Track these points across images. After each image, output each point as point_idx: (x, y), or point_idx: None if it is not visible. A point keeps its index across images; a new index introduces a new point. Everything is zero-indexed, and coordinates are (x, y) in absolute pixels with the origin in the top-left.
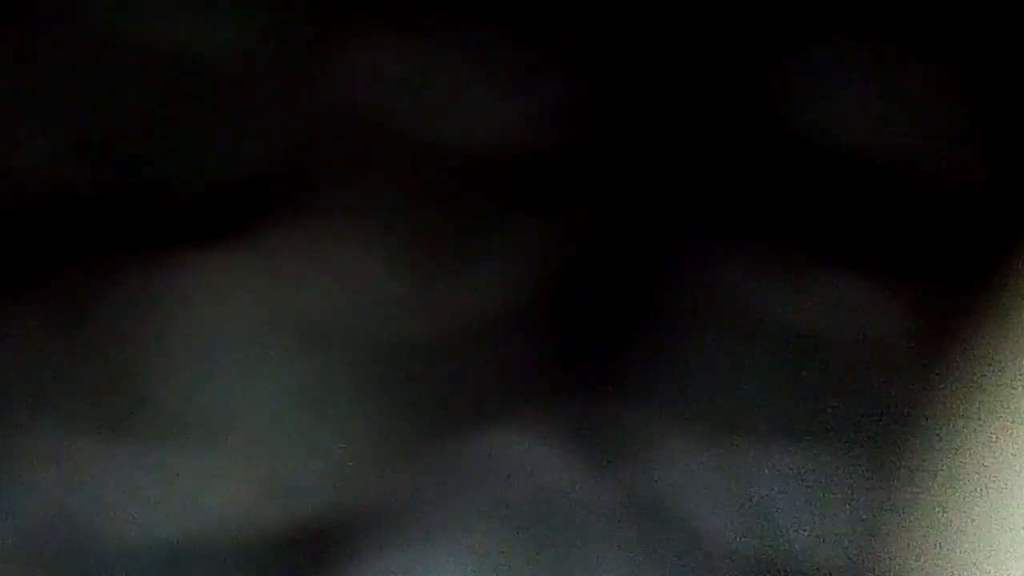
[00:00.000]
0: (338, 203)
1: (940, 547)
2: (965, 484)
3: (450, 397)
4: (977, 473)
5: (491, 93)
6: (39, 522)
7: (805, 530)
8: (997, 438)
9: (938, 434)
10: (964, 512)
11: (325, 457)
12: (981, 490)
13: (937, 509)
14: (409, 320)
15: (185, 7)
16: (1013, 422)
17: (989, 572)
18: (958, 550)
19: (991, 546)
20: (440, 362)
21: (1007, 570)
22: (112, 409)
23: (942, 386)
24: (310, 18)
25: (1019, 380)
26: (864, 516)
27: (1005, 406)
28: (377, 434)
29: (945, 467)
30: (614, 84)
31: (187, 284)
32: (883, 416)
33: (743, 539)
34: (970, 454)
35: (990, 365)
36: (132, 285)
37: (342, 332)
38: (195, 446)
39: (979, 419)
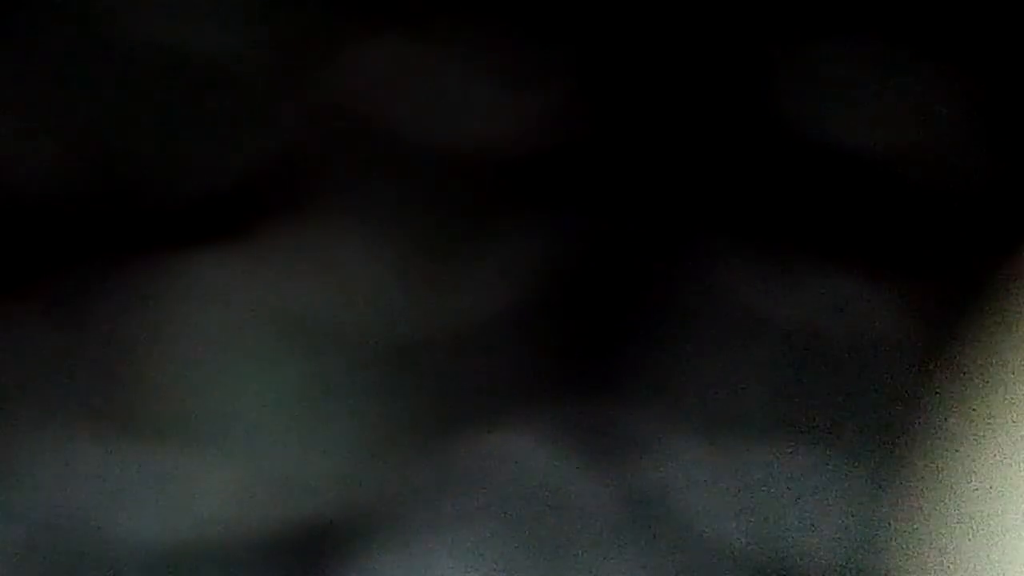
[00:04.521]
0: (338, 203)
1: (940, 547)
2: (965, 484)
3: (450, 397)
4: (977, 473)
5: (491, 93)
6: (39, 522)
7: (805, 530)
8: (997, 438)
9: (938, 434)
10: (964, 512)
11: (325, 457)
12: (981, 491)
13: (937, 509)
14: (409, 320)
15: (185, 7)
16: (1013, 422)
17: (989, 572)
18: (958, 550)
19: (991, 546)
20: (440, 363)
21: (1007, 570)
22: (112, 409)
23: (942, 386)
24: (310, 18)
25: (1019, 380)
26: (864, 516)
27: (1005, 406)
28: (377, 434)
29: (945, 467)
30: (615, 85)
31: (187, 284)
32: (883, 416)
33: (743, 539)
34: (970, 455)
35: (990, 366)
36: (132, 285)
37: (342, 332)
38: (195, 446)
39: (979, 420)
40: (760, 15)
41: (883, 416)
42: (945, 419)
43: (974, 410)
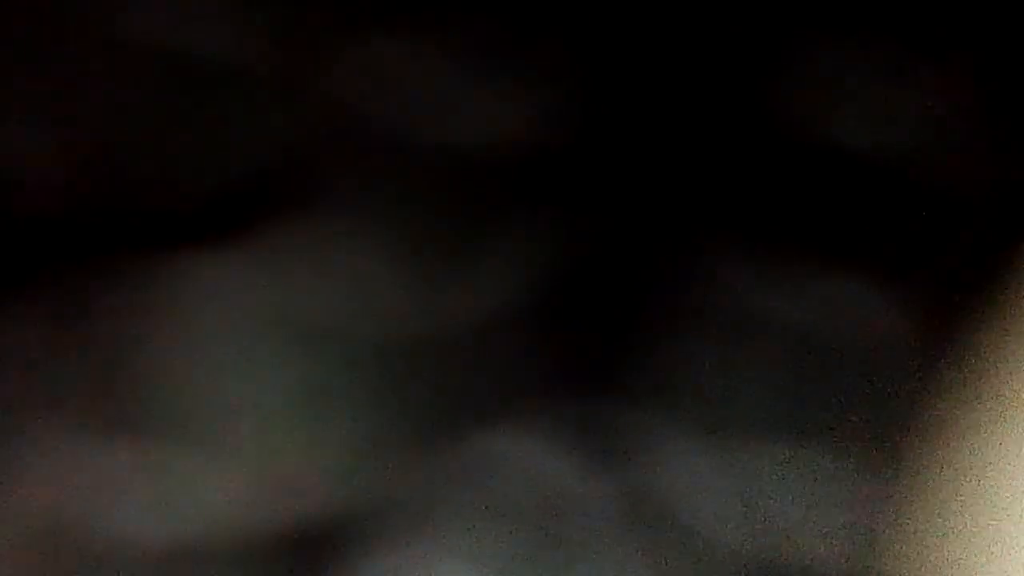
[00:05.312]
0: (338, 203)
1: (940, 547)
2: (965, 484)
3: (450, 397)
4: (977, 474)
5: (491, 93)
6: (39, 522)
7: (805, 530)
8: (997, 438)
9: (938, 434)
10: (964, 512)
11: (325, 457)
12: (981, 490)
13: (937, 509)
14: (409, 320)
15: (185, 7)
16: (1013, 422)
17: (989, 572)
18: (958, 550)
19: (991, 546)
20: (440, 362)
21: (1007, 570)
22: (112, 409)
23: (942, 386)
24: (310, 18)
25: (1019, 380)
26: (864, 516)
27: (1005, 406)
28: (377, 434)
29: (945, 467)
30: (614, 85)
31: (187, 284)
32: (883, 416)
33: (743, 539)
34: (970, 454)
35: (990, 365)
36: (132, 285)
37: (342, 332)
38: (195, 446)
39: (979, 419)
40: (761, 16)
41: (883, 415)
42: (945, 419)
43: (974, 409)
